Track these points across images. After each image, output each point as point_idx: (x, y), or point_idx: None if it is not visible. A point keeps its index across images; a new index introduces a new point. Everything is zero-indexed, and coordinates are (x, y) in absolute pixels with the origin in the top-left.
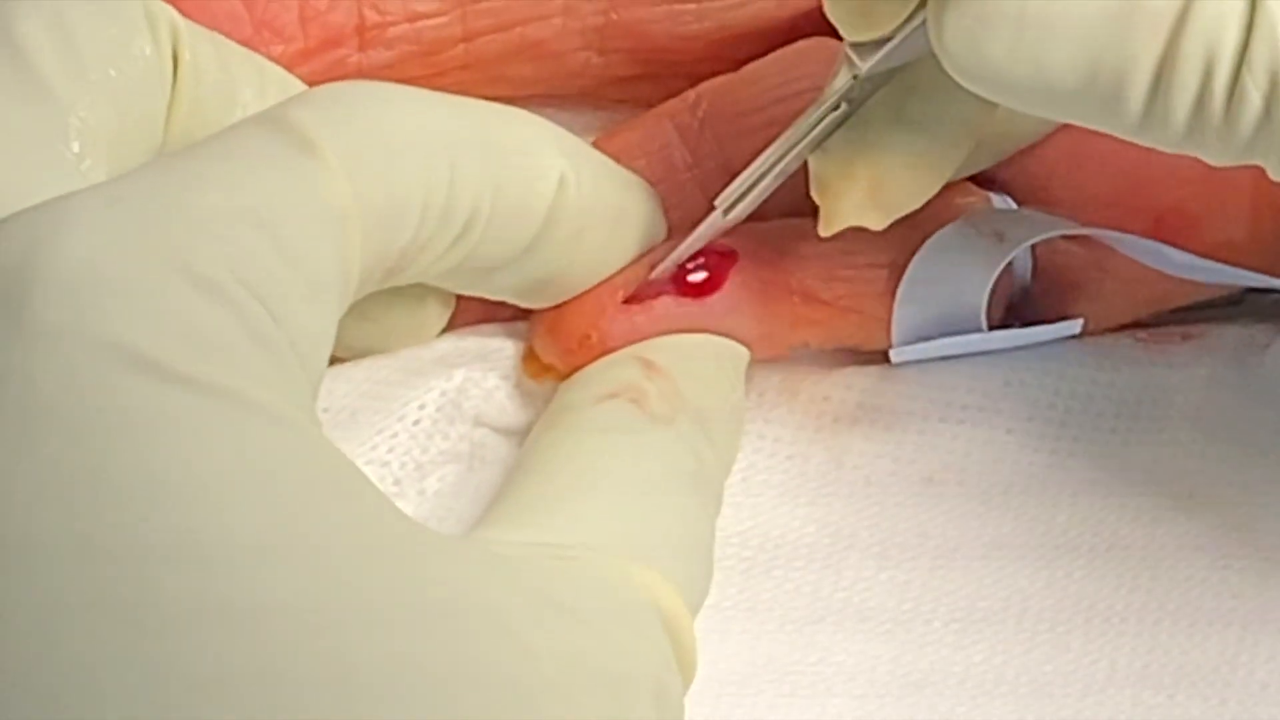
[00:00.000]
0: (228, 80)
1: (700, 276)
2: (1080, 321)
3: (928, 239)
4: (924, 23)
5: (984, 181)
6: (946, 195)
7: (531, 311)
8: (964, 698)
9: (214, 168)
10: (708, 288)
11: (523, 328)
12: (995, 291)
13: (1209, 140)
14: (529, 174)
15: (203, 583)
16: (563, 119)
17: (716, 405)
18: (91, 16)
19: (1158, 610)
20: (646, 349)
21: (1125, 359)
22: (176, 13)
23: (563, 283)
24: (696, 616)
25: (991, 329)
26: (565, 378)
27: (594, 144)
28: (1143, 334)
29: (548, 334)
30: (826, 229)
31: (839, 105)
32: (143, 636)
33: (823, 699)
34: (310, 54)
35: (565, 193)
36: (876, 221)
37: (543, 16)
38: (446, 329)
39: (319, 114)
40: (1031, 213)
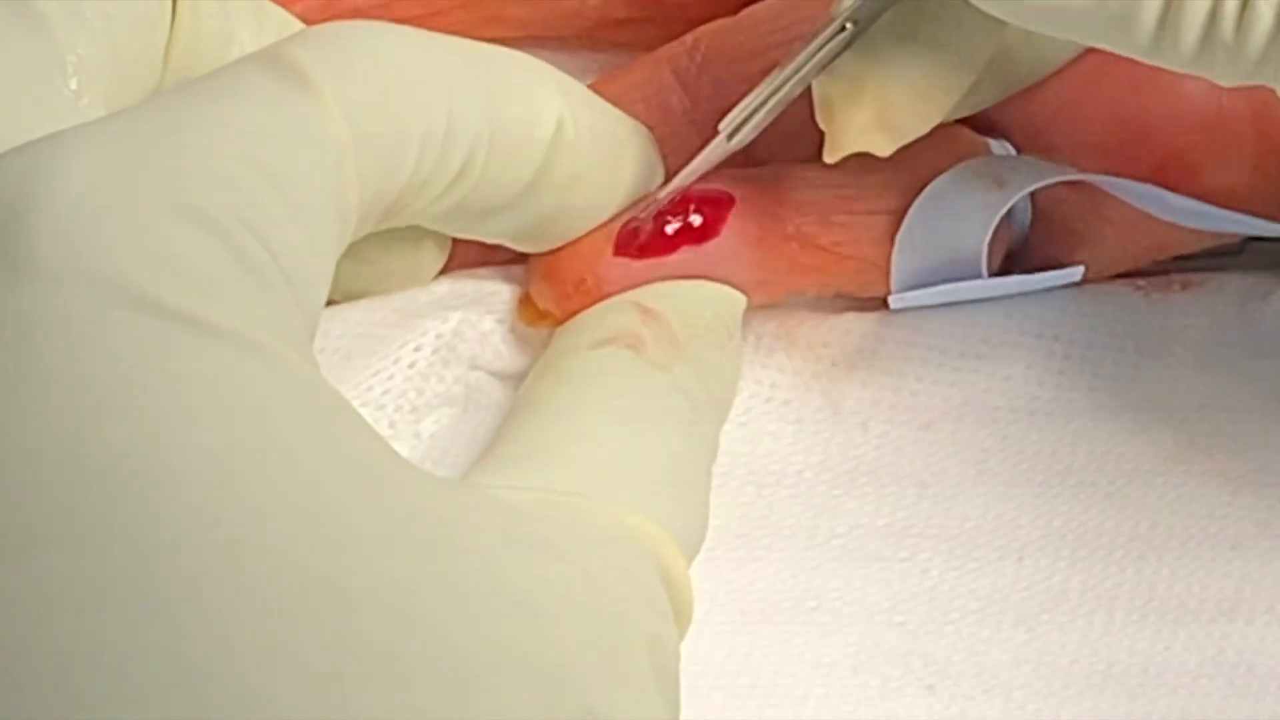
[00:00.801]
0: (226, 19)
1: (697, 221)
2: (1081, 269)
3: (927, 185)
4: None
5: (984, 128)
6: (947, 141)
7: (528, 256)
8: (960, 642)
9: (212, 105)
10: (705, 233)
11: (519, 271)
12: (995, 238)
13: (1218, 59)
14: (526, 115)
15: (187, 508)
16: (560, 61)
17: (713, 352)
18: None
19: (1159, 548)
20: (643, 295)
21: (1125, 306)
22: None
23: (559, 226)
24: (693, 562)
25: (991, 276)
26: (561, 323)
27: (591, 87)
28: (1142, 282)
29: (543, 279)
30: (832, 154)
31: (845, 27)
32: (129, 559)
33: (819, 642)
34: None
35: (562, 135)
36: (883, 146)
37: None
38: (443, 272)
39: (318, 52)
40: (1032, 159)
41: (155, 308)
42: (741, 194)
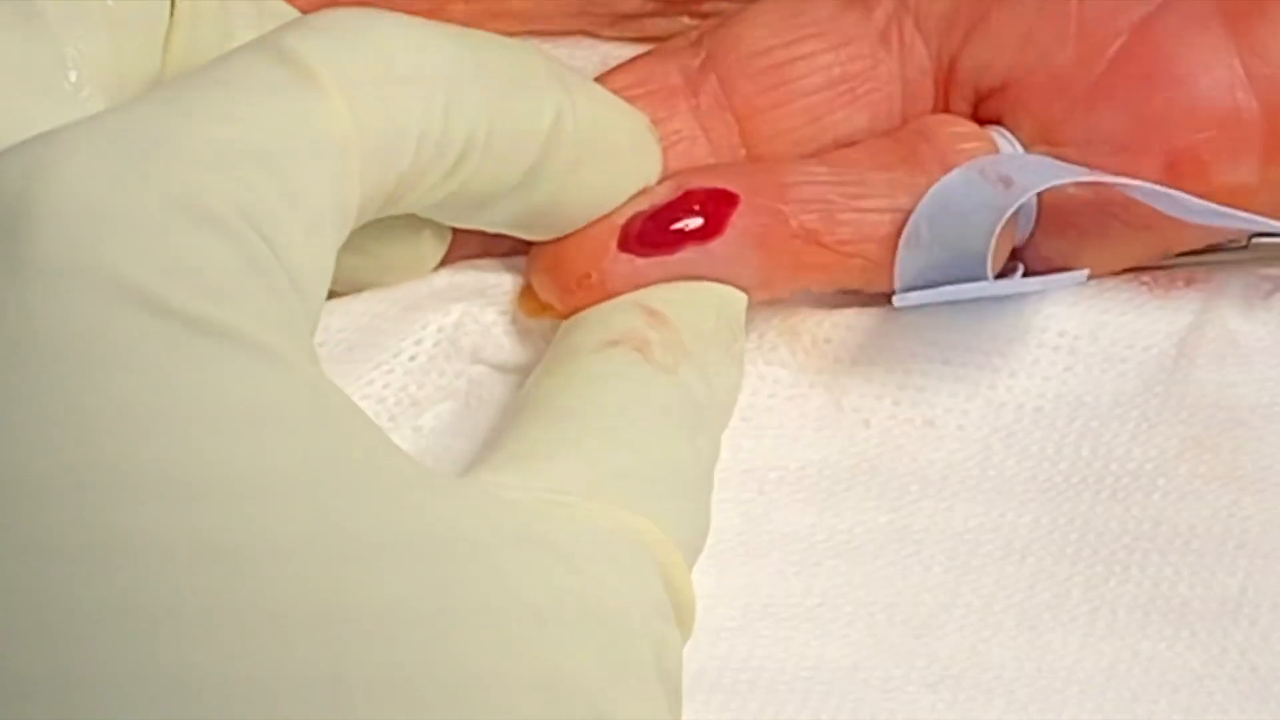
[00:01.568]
0: (225, 8)
1: (702, 219)
2: (1086, 272)
3: (933, 184)
4: None
5: (993, 119)
6: (953, 139)
7: (529, 245)
8: (963, 641)
9: (213, 98)
10: (709, 231)
11: (521, 262)
12: (1001, 236)
13: None
14: (526, 105)
15: (190, 518)
16: (564, 54)
17: (717, 355)
18: None
19: (1163, 548)
20: (649, 296)
21: (1129, 303)
22: None
23: (560, 215)
24: (694, 565)
25: (996, 273)
26: (563, 317)
27: (595, 80)
28: (1146, 278)
29: (546, 273)
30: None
31: None
32: (131, 572)
33: (821, 641)
34: None
35: (562, 125)
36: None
37: None
38: (443, 263)
39: (318, 41)
40: (1039, 158)
41: (159, 308)
42: (746, 191)
